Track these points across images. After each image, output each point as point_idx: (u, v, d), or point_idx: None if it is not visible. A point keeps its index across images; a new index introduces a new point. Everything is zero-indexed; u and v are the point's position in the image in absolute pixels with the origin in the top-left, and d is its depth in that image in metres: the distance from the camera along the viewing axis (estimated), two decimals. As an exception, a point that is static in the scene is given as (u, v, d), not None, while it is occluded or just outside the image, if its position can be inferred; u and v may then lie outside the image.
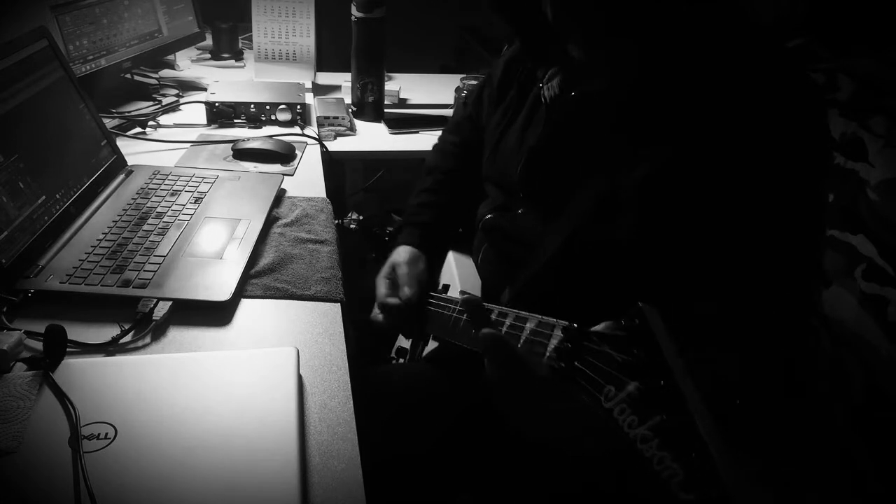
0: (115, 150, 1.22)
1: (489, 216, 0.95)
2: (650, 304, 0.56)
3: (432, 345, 0.99)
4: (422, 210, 1.10)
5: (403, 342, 1.07)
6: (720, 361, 0.54)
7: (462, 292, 0.96)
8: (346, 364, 0.82)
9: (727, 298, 0.69)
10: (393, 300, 0.94)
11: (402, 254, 1.01)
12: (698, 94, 0.72)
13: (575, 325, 0.64)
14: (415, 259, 1.00)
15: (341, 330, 0.88)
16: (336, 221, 1.18)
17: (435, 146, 1.21)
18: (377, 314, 0.97)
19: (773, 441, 0.54)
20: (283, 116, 1.53)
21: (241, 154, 1.35)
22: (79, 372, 0.73)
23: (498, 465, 0.96)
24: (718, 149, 0.70)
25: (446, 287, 0.99)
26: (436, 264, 1.08)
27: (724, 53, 0.72)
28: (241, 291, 0.93)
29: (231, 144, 1.38)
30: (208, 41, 1.94)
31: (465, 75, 1.72)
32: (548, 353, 0.67)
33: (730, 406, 0.51)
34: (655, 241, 0.73)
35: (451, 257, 1.06)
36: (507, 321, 0.74)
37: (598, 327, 0.60)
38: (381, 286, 0.98)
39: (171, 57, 1.83)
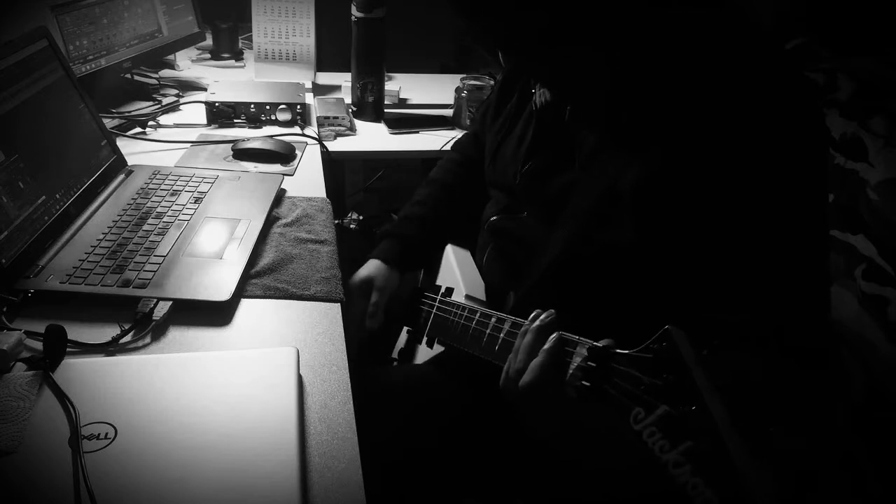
0: (115, 150, 1.21)
1: (495, 218, 0.95)
2: (656, 309, 0.56)
3: (437, 349, 0.99)
4: (406, 223, 1.11)
5: (405, 344, 1.07)
6: (741, 361, 0.54)
7: (468, 296, 0.96)
8: (346, 364, 0.82)
9: (737, 303, 0.68)
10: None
11: (374, 271, 1.06)
12: (690, 95, 0.70)
13: (598, 344, 0.64)
14: (384, 277, 1.06)
15: (341, 330, 0.88)
16: (336, 221, 1.18)
17: (438, 162, 1.22)
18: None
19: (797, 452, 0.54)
20: (283, 116, 1.53)
21: (241, 154, 1.35)
22: (79, 372, 0.73)
23: (502, 468, 0.96)
24: (713, 151, 0.68)
25: (450, 290, 0.98)
26: (420, 271, 1.10)
27: (718, 54, 0.71)
28: (241, 291, 0.93)
29: (231, 144, 1.38)
30: (208, 41, 1.94)
31: (465, 75, 1.71)
32: (571, 371, 0.67)
33: (762, 432, 0.50)
34: (656, 245, 0.72)
35: (454, 259, 1.06)
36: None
37: (625, 349, 0.60)
38: (359, 305, 1.05)
39: (171, 57, 1.83)
